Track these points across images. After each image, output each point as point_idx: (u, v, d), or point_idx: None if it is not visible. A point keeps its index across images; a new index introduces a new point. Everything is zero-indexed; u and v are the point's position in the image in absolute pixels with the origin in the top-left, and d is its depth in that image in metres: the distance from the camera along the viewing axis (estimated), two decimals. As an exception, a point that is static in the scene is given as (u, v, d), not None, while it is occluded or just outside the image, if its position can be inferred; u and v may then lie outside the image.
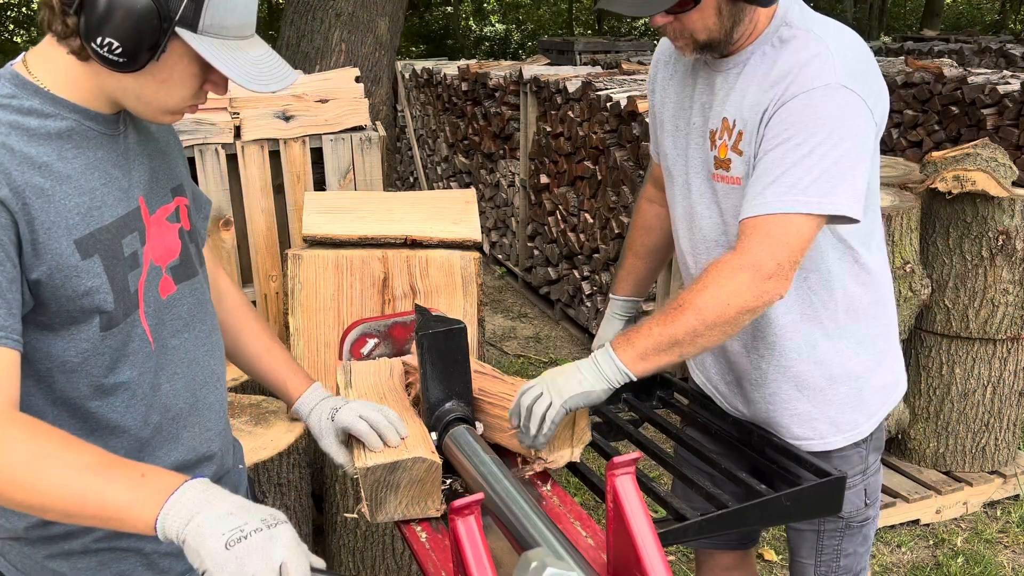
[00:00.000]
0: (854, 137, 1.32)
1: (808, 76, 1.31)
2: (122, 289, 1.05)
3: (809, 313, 1.46)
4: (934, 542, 2.81)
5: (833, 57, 1.33)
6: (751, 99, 1.38)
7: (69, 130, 1.01)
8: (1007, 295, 2.75)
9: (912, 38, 10.90)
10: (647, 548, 0.97)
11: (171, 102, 1.03)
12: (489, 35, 20.01)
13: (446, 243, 2.19)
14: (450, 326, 1.27)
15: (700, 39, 1.37)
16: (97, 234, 1.01)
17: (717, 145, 1.44)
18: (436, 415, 1.29)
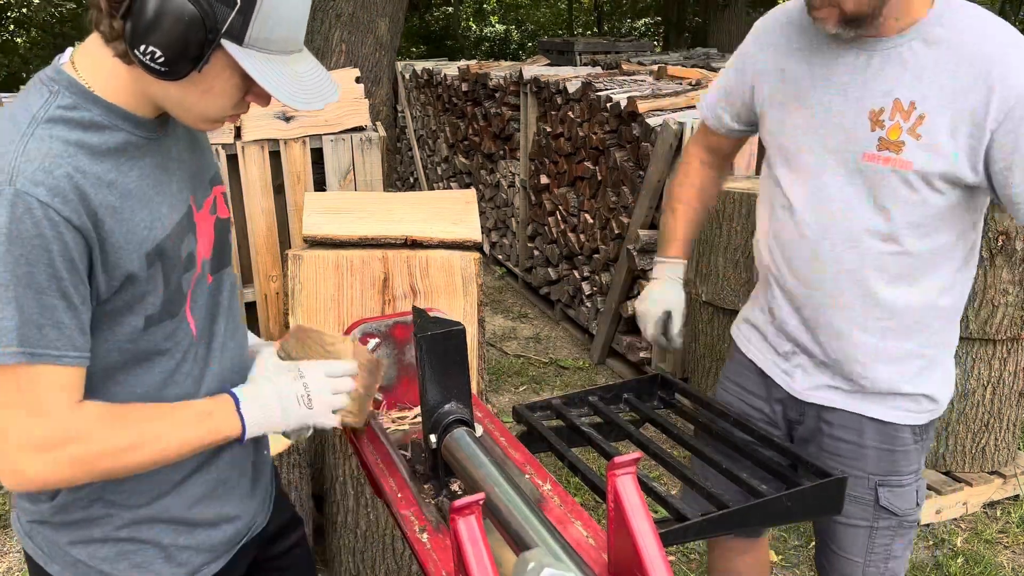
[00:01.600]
0: None
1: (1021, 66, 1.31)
2: (175, 290, 1.07)
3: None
4: (934, 542, 2.81)
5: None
6: (942, 82, 1.36)
7: (125, 143, 1.02)
8: (1007, 295, 2.75)
9: (912, 38, 10.87)
10: (648, 548, 0.97)
11: (212, 111, 1.03)
12: (489, 35, 20.02)
13: (446, 243, 2.19)
14: (448, 328, 1.27)
15: (847, 9, 1.35)
16: (162, 244, 1.04)
17: (887, 126, 1.40)
18: (435, 417, 1.29)
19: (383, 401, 1.57)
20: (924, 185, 1.40)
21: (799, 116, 1.51)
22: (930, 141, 1.37)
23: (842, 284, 1.49)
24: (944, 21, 1.38)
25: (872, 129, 1.42)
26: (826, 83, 1.47)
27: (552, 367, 4.25)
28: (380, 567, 2.30)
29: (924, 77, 1.37)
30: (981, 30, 1.35)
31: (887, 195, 1.42)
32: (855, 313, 1.50)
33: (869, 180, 1.43)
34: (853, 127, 1.44)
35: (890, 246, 1.45)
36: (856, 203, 1.45)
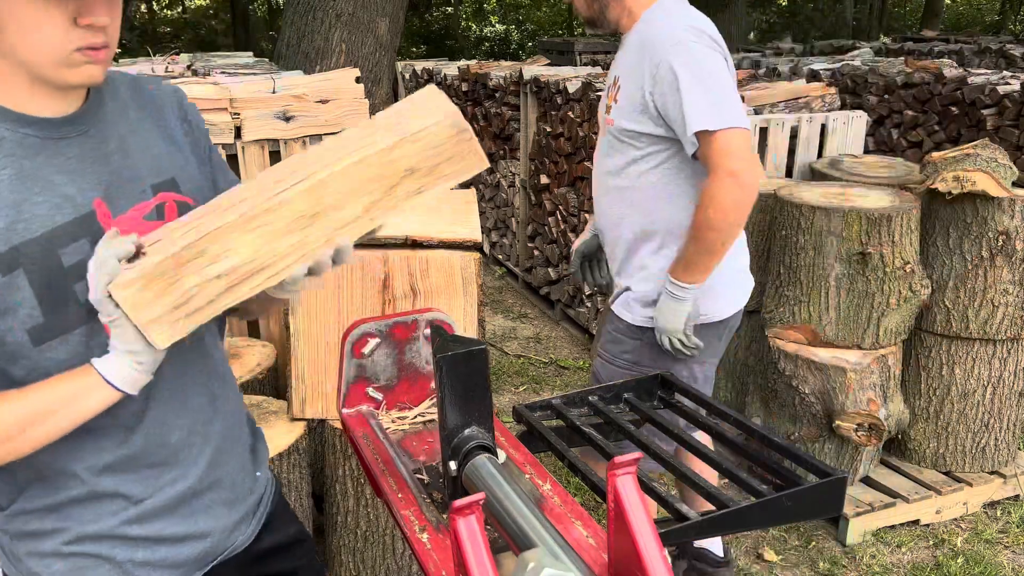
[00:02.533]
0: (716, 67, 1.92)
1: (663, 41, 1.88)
2: (60, 301, 0.99)
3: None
4: (934, 542, 2.81)
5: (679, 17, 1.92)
6: (628, 61, 1.97)
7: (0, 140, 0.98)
8: (1007, 295, 2.75)
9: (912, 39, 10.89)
10: (648, 548, 0.97)
11: (52, 50, 0.94)
12: (489, 35, 20.01)
13: (446, 243, 2.19)
14: (470, 347, 1.20)
15: (582, 15, 2.05)
16: (21, 248, 0.97)
17: (608, 95, 2.06)
18: (455, 443, 1.22)
19: (383, 401, 1.58)
20: (622, 135, 1.99)
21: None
22: (621, 103, 1.97)
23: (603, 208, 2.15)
24: (647, 19, 1.95)
25: (607, 100, 2.06)
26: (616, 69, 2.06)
27: (552, 367, 4.25)
28: (380, 567, 2.30)
29: (625, 60, 1.98)
30: (656, 21, 1.93)
31: (613, 143, 2.03)
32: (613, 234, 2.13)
33: (607, 134, 2.07)
34: (603, 101, 2.10)
35: (616, 179, 2.05)
36: (602, 152, 2.11)
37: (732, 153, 1.82)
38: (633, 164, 2.00)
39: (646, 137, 1.95)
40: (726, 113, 1.82)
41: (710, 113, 1.81)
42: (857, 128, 3.68)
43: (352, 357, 1.55)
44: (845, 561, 2.70)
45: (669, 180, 1.99)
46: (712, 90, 1.83)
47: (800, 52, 9.73)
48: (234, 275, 0.92)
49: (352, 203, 0.95)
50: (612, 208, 2.09)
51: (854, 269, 2.69)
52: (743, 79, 4.40)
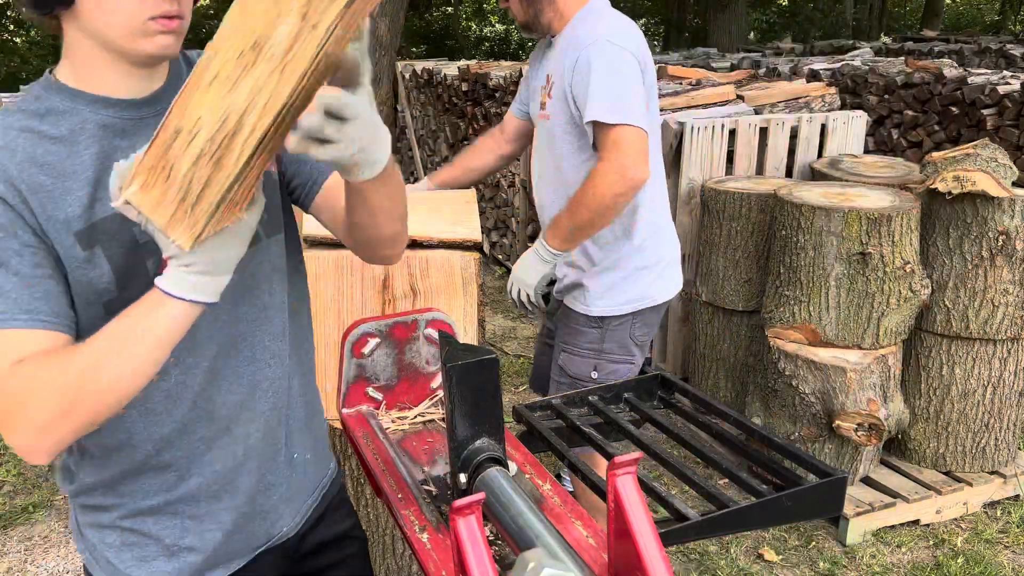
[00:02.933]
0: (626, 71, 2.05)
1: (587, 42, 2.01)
2: (133, 275, 1.03)
3: None
4: (934, 542, 2.81)
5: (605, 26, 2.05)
6: (559, 60, 2.08)
7: (82, 124, 1.02)
8: (1007, 295, 2.75)
9: (912, 38, 10.89)
10: (648, 548, 0.97)
11: (126, 19, 0.97)
12: (489, 35, 20.01)
13: (446, 243, 2.19)
14: (481, 356, 1.18)
15: (519, 20, 2.17)
16: (99, 224, 1.01)
17: (541, 94, 2.19)
18: (465, 455, 1.19)
19: (383, 401, 1.58)
20: (557, 128, 2.13)
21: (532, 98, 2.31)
22: (555, 97, 2.11)
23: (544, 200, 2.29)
24: (575, 23, 2.10)
25: (540, 98, 2.20)
26: (536, 72, 2.26)
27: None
28: (380, 567, 2.29)
29: (557, 59, 2.10)
30: (585, 24, 2.06)
31: (550, 137, 2.16)
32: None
33: (541, 130, 2.22)
34: (536, 99, 2.24)
35: (556, 174, 2.18)
36: (540, 148, 2.24)
37: (623, 148, 1.96)
38: (567, 158, 2.14)
39: (572, 128, 2.10)
40: (624, 110, 1.97)
41: (609, 107, 1.96)
42: (857, 128, 3.68)
43: (352, 357, 1.55)
44: (845, 561, 2.70)
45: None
46: (615, 87, 1.97)
47: (800, 52, 9.74)
48: (213, 146, 0.84)
49: (284, 17, 0.81)
50: (554, 200, 2.21)
51: (854, 269, 2.69)
52: (743, 79, 4.40)
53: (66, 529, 2.90)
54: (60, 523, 2.94)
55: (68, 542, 2.84)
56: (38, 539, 2.85)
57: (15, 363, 0.93)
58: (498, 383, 1.21)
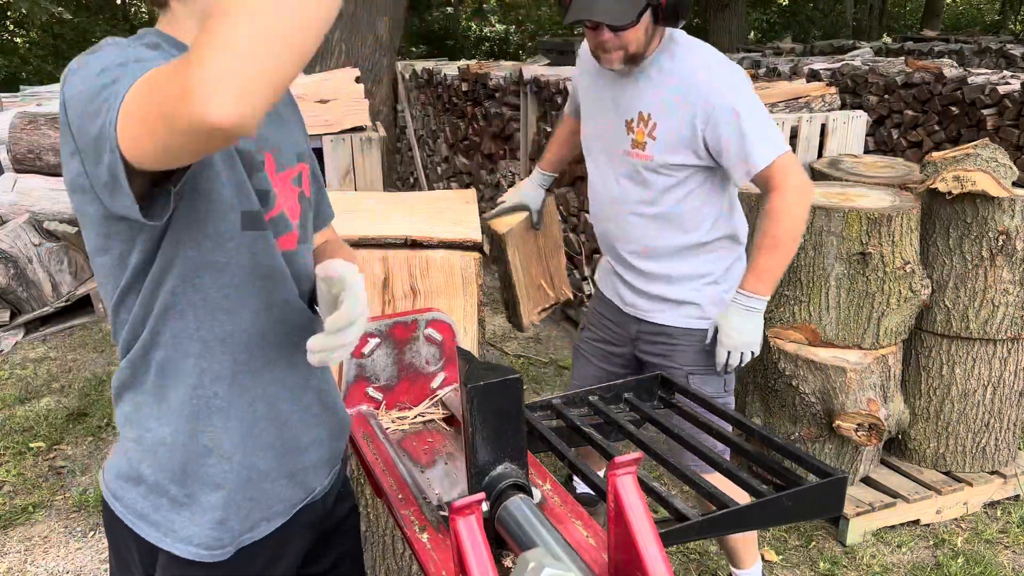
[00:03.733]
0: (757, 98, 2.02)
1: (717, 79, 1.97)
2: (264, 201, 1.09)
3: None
4: (934, 542, 2.81)
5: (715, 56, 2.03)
6: (665, 99, 2.00)
7: None
8: (1007, 295, 2.75)
9: (912, 38, 10.90)
10: (648, 548, 0.97)
11: None
12: (489, 35, 20.01)
13: (446, 243, 2.19)
14: (504, 376, 1.11)
15: (631, 51, 1.96)
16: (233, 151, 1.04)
17: (635, 131, 2.07)
18: (487, 482, 1.13)
19: (383, 401, 1.58)
20: (663, 168, 2.05)
21: (596, 124, 2.20)
22: (662, 140, 2.02)
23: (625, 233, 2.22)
24: (667, 54, 2.01)
25: (627, 133, 2.09)
26: (602, 100, 2.15)
27: (552, 367, 4.25)
28: (380, 567, 2.30)
29: (653, 95, 2.02)
30: (688, 59, 2.00)
31: (638, 177, 2.10)
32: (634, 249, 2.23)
33: (627, 169, 2.12)
34: (617, 132, 2.11)
35: (651, 208, 2.12)
36: (625, 185, 2.14)
37: (791, 171, 1.98)
38: (667, 192, 2.09)
39: (685, 168, 2.05)
40: (777, 140, 1.98)
41: (769, 146, 1.96)
42: (857, 128, 3.68)
43: (352, 357, 1.55)
44: (845, 561, 2.70)
45: (705, 200, 2.12)
46: (764, 124, 1.97)
47: (800, 52, 9.74)
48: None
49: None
50: (643, 232, 2.17)
51: (854, 269, 2.69)
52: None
53: (66, 529, 2.90)
54: (60, 523, 2.94)
55: (68, 542, 2.84)
56: (38, 539, 2.85)
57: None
58: (522, 404, 1.14)
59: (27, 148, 4.77)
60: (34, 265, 4.55)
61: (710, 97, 1.95)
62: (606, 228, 2.26)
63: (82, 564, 2.72)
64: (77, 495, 3.08)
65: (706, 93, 1.96)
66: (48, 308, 4.60)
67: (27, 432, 3.54)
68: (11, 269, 4.45)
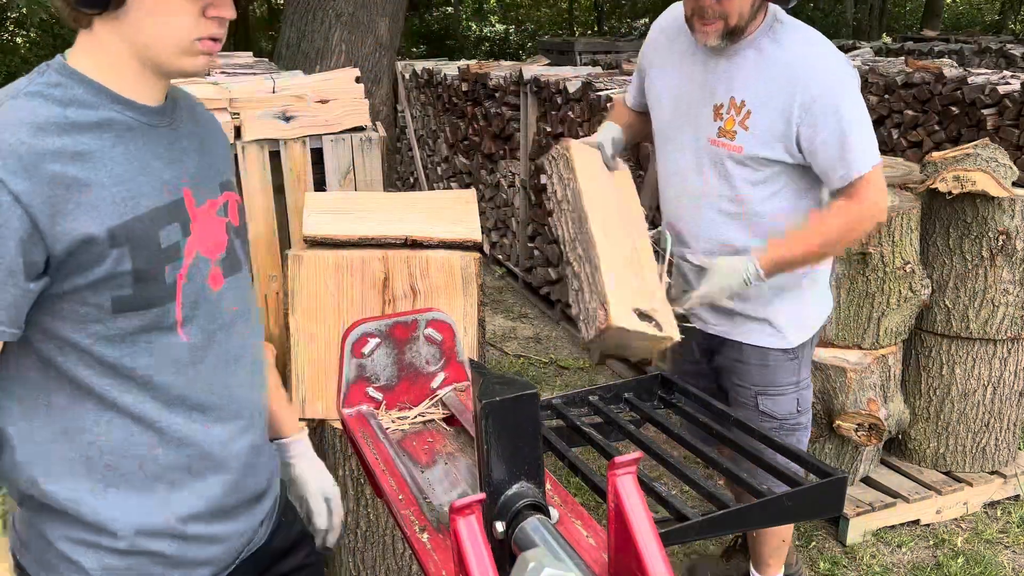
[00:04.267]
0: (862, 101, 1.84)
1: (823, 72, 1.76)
2: (152, 279, 1.04)
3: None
4: (934, 542, 2.81)
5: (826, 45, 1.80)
6: (763, 86, 1.78)
7: (110, 120, 1.02)
8: (1007, 295, 2.75)
9: (912, 38, 10.89)
10: (648, 548, 0.96)
11: (176, 37, 1.00)
12: (489, 35, 20.00)
13: (446, 243, 2.19)
14: (520, 391, 1.06)
15: (731, 23, 1.72)
16: (130, 224, 1.02)
17: (724, 118, 1.84)
18: (502, 502, 1.08)
19: (383, 401, 1.58)
20: (752, 162, 1.85)
21: (677, 108, 1.94)
22: (755, 131, 1.81)
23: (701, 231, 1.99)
24: (771, 35, 1.79)
25: (714, 120, 1.86)
26: (691, 82, 1.90)
27: (552, 367, 4.25)
28: (380, 567, 2.29)
29: (758, 79, 1.79)
30: (795, 45, 1.78)
31: (719, 169, 1.89)
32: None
33: (711, 159, 1.89)
34: (702, 117, 1.88)
35: (733, 206, 1.91)
36: (705, 176, 1.91)
37: (880, 188, 1.83)
38: (752, 189, 1.90)
39: (775, 164, 1.87)
40: (875, 149, 1.83)
41: (867, 155, 1.81)
42: (857, 128, 3.67)
43: (352, 357, 1.55)
44: (845, 561, 2.70)
45: (791, 204, 1.94)
46: (866, 129, 1.81)
47: (800, 52, 9.71)
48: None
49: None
50: (722, 231, 1.97)
51: (854, 269, 2.69)
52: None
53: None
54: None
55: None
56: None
57: None
58: (539, 420, 1.09)
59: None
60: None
61: (811, 89, 1.76)
62: (678, 226, 2.06)
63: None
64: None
65: (807, 84, 1.76)
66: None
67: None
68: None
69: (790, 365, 2.02)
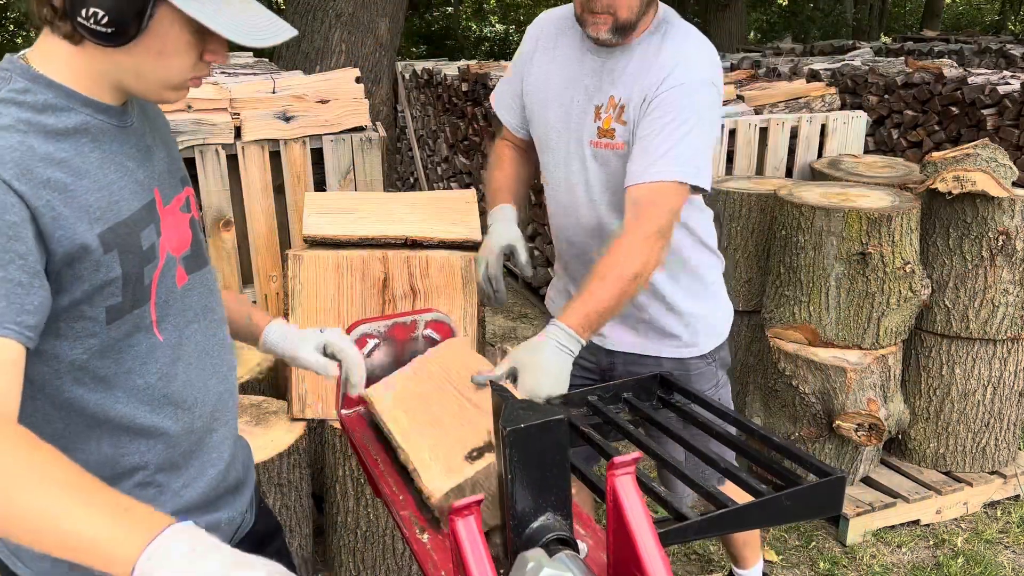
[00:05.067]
0: (714, 124, 1.72)
1: (687, 69, 1.66)
2: (135, 282, 1.04)
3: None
4: (934, 542, 2.81)
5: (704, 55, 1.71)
6: (636, 81, 1.69)
7: (84, 124, 1.00)
8: (1007, 295, 2.75)
9: (912, 38, 10.90)
10: (647, 548, 0.97)
11: (171, 75, 1.00)
12: (489, 35, 20.00)
13: (446, 243, 2.19)
14: (546, 417, 1.00)
15: (621, 17, 1.64)
16: (116, 228, 1.01)
17: (602, 118, 1.74)
18: (527, 534, 1.02)
19: (383, 401, 1.57)
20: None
21: (559, 113, 1.81)
22: (630, 125, 1.70)
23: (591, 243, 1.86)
24: (658, 34, 1.71)
25: (594, 120, 1.75)
26: (576, 84, 1.78)
27: (552, 367, 4.25)
28: (380, 567, 2.30)
29: (637, 76, 1.70)
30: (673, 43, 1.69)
31: (606, 173, 1.77)
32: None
33: (597, 162, 1.77)
34: (583, 119, 1.77)
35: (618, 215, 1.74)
36: (593, 181, 1.79)
37: (668, 210, 1.64)
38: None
39: None
40: (688, 169, 1.65)
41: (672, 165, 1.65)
42: (857, 128, 3.68)
43: (352, 357, 1.55)
44: (845, 561, 2.70)
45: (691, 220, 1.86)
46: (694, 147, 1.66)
47: (800, 52, 9.73)
48: None
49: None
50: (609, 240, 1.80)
51: (854, 269, 2.69)
52: (743, 79, 4.41)
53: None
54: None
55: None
56: (38, 539, 2.85)
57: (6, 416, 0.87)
58: (567, 447, 1.03)
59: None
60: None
61: (666, 83, 1.65)
62: (576, 240, 1.92)
63: (82, 564, 2.72)
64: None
65: (664, 78, 1.66)
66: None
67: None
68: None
69: (708, 370, 1.97)
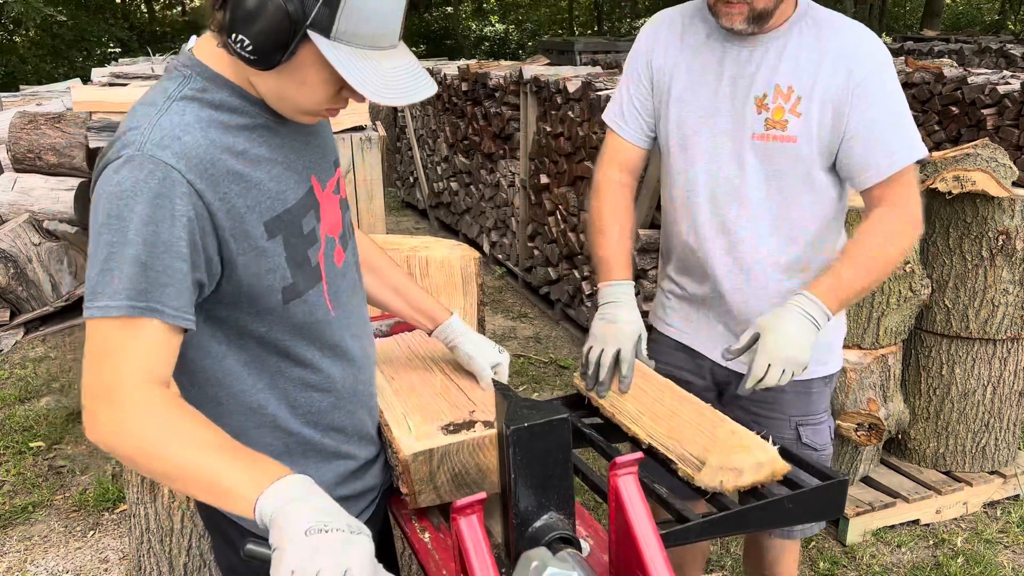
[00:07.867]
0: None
1: (872, 51, 1.59)
2: (302, 264, 1.13)
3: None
4: (934, 542, 2.81)
5: (870, 32, 1.62)
6: (809, 71, 1.59)
7: (254, 122, 1.07)
8: (1007, 295, 2.75)
9: (912, 38, 10.90)
10: (649, 548, 0.96)
11: (306, 103, 1.06)
12: (489, 35, 20.00)
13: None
14: (550, 416, 1.00)
15: (758, 7, 1.55)
16: (283, 216, 1.09)
17: (771, 109, 1.61)
18: (530, 533, 1.03)
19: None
20: (808, 156, 1.61)
21: (698, 108, 1.69)
22: (808, 119, 1.59)
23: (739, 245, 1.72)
24: (809, 20, 1.61)
25: (757, 112, 1.62)
26: (718, 76, 1.66)
27: (552, 367, 4.25)
28: (380, 567, 2.29)
29: (800, 64, 1.59)
30: (840, 31, 1.60)
31: (774, 166, 1.63)
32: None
33: (759, 156, 1.64)
34: (740, 112, 1.64)
35: (781, 210, 1.66)
36: (752, 178, 1.65)
37: (915, 191, 1.60)
38: (803, 194, 1.66)
39: (820, 159, 1.63)
40: (920, 141, 1.60)
41: (916, 146, 1.59)
42: (857, 128, 3.67)
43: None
44: (845, 561, 2.70)
45: (832, 211, 1.71)
46: (908, 118, 1.60)
47: (800, 52, 9.72)
48: None
49: None
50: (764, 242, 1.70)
51: (854, 269, 2.69)
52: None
53: (66, 529, 2.90)
54: (60, 523, 2.94)
55: (68, 541, 2.84)
56: (38, 539, 2.85)
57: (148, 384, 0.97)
58: (570, 447, 1.02)
59: (27, 147, 4.76)
60: (34, 265, 4.54)
61: (860, 72, 1.56)
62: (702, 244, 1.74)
63: (81, 563, 2.72)
64: (77, 495, 3.08)
65: (856, 68, 1.56)
66: (48, 308, 4.60)
67: (27, 432, 3.54)
68: (11, 269, 4.45)
69: (826, 391, 1.84)
